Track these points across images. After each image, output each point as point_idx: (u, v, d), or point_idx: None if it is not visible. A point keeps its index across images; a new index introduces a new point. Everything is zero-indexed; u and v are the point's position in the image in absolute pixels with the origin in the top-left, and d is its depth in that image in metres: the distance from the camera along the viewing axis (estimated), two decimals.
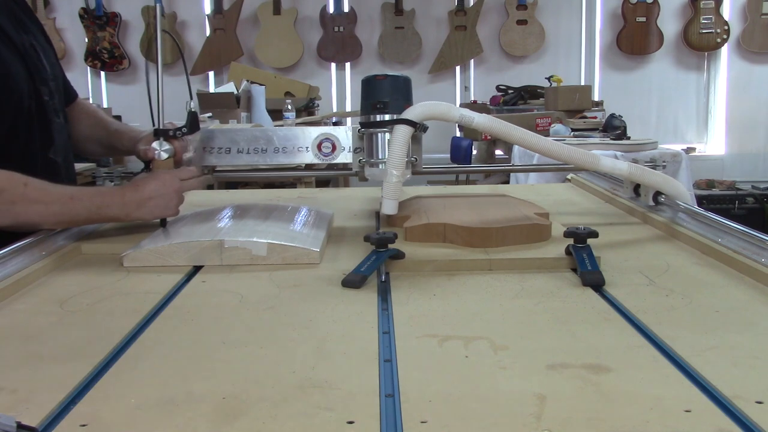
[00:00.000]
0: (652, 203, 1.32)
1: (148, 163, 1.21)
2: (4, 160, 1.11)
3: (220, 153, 1.28)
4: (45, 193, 1.11)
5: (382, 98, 1.20)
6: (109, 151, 1.49)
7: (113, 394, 0.62)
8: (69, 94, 1.48)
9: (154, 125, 1.20)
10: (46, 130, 1.31)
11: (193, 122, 1.21)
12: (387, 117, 1.19)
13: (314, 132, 1.28)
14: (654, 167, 1.34)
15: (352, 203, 1.57)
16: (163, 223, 1.18)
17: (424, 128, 1.20)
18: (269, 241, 1.05)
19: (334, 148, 1.27)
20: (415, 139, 1.23)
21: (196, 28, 5.83)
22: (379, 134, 1.21)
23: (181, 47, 1.50)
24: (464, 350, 0.71)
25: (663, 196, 1.30)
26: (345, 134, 1.27)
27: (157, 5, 1.31)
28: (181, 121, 1.23)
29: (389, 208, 1.12)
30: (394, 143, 1.11)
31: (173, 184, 1.15)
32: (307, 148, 1.28)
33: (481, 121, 1.14)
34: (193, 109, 1.21)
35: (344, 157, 1.28)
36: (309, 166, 1.37)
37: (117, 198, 1.14)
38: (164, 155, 1.19)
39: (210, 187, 1.32)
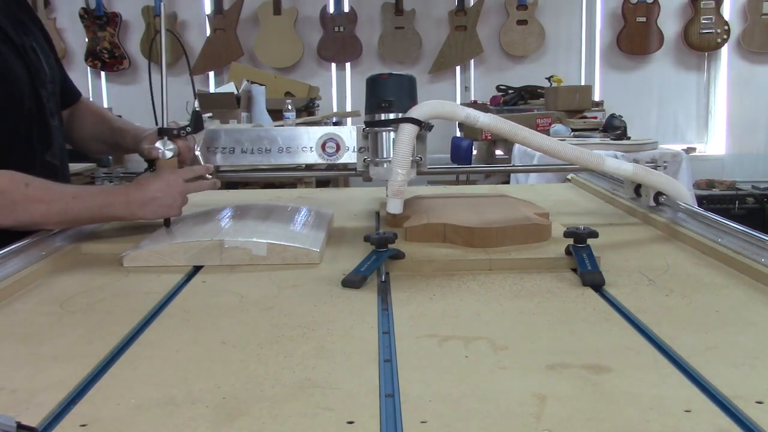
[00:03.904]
0: (653, 204, 1.32)
1: (152, 163, 1.21)
2: (4, 162, 1.11)
3: (224, 153, 1.27)
4: (47, 192, 1.11)
5: (387, 97, 1.18)
6: (113, 149, 1.48)
7: (113, 394, 0.62)
8: (72, 94, 1.48)
9: (157, 124, 1.20)
10: (45, 132, 1.31)
11: (197, 121, 1.20)
12: (392, 116, 1.18)
13: (318, 132, 1.27)
14: (655, 167, 1.34)
15: (352, 203, 1.57)
16: (167, 222, 1.18)
17: (430, 127, 1.19)
18: (269, 241, 1.05)
19: (338, 148, 1.27)
20: (420, 139, 1.21)
21: (196, 28, 5.82)
22: (384, 133, 1.20)
23: (184, 47, 1.50)
24: (464, 350, 0.70)
25: (664, 196, 1.30)
26: (349, 134, 1.26)
27: (161, 5, 1.31)
28: (181, 120, 1.23)
29: (394, 207, 1.11)
30: (399, 142, 1.10)
31: (177, 184, 1.15)
32: (311, 148, 1.27)
33: (487, 120, 1.13)
34: (197, 108, 1.20)
35: (348, 156, 1.27)
36: (310, 167, 1.36)
37: (121, 197, 1.13)
38: (168, 154, 1.18)
39: None
